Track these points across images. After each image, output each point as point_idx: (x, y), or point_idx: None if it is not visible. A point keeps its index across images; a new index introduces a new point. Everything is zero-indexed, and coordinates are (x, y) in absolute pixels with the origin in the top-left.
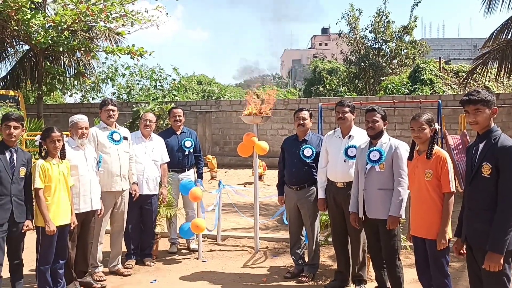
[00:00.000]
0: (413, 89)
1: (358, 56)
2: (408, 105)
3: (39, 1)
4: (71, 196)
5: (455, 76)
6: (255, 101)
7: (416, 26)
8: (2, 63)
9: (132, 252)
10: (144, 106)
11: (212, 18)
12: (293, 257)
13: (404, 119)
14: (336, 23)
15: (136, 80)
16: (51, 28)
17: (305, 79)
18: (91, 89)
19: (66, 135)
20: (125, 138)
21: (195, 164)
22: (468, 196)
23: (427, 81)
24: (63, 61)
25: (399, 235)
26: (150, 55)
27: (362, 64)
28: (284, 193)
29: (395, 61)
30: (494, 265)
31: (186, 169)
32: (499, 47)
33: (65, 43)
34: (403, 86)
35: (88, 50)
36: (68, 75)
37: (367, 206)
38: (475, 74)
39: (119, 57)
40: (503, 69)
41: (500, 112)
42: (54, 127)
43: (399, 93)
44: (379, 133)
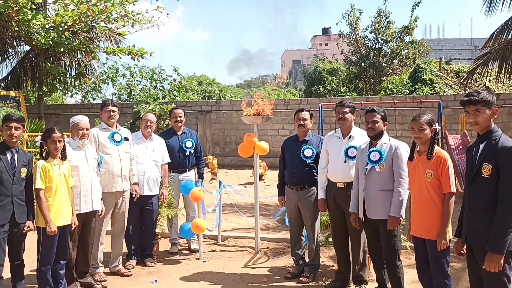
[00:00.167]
0: (413, 89)
1: (358, 57)
2: (409, 105)
3: (39, 1)
4: (72, 197)
5: (455, 77)
6: (258, 103)
7: (416, 27)
8: (3, 63)
9: (132, 252)
10: (145, 106)
11: (213, 18)
12: (293, 257)
13: (404, 119)
14: (337, 23)
15: (137, 81)
16: (51, 28)
17: (306, 76)
18: (91, 90)
19: (67, 135)
20: (126, 139)
21: (196, 164)
22: (468, 196)
23: (428, 81)
24: (63, 62)
25: (400, 235)
26: (150, 55)
27: (363, 64)
28: (285, 194)
29: (395, 62)
30: (495, 265)
31: (186, 169)
32: (499, 47)
33: (65, 43)
34: (404, 87)
35: (88, 50)
36: (68, 76)
37: (367, 207)
38: (476, 75)
39: (119, 57)
40: (503, 69)
41: (501, 113)
42: (55, 128)
43: (399, 93)
44: (379, 133)
